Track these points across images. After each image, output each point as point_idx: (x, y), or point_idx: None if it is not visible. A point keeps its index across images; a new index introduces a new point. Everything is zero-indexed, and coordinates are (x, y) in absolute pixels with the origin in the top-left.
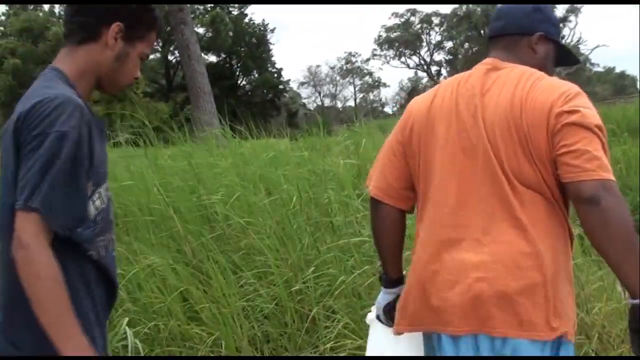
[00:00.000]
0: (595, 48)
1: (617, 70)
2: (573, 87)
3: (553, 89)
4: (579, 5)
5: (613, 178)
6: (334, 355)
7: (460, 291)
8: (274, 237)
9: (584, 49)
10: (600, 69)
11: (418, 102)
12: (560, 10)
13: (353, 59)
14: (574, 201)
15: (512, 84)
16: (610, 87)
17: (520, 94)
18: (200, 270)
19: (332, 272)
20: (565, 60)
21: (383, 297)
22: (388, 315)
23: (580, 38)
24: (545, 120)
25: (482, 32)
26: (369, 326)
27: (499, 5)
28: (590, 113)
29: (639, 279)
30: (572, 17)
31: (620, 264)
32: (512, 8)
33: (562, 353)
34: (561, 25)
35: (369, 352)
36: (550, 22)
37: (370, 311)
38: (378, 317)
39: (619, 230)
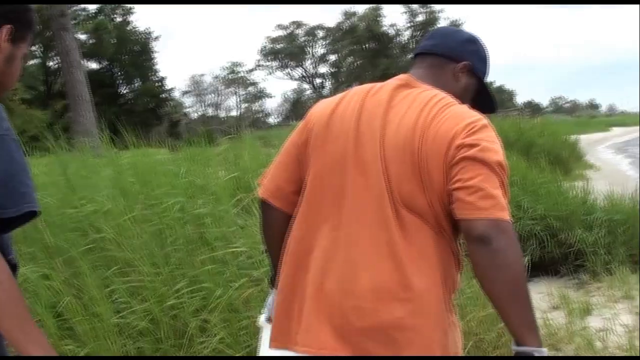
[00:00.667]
0: None
1: (496, 84)
2: (480, 119)
3: (459, 119)
4: (460, 22)
5: (508, 218)
6: None
7: (329, 317)
8: (147, 251)
9: None
10: None
11: (321, 106)
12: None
13: (237, 69)
14: (465, 239)
15: (419, 106)
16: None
17: (424, 118)
18: (73, 284)
19: (207, 287)
20: (483, 104)
21: (273, 298)
22: None
23: None
24: (445, 150)
25: (364, 46)
26: (250, 338)
27: (435, 28)
28: (492, 148)
29: (524, 326)
30: None
31: (505, 309)
32: (448, 32)
33: None
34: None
35: (260, 354)
36: (479, 57)
37: (260, 316)
38: (269, 319)
39: (507, 274)
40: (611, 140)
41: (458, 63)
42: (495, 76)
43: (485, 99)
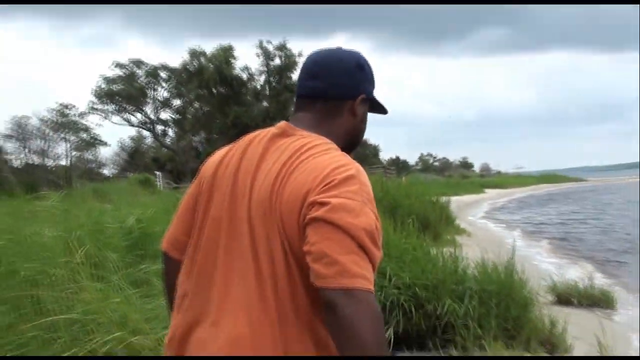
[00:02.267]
0: None
1: None
2: (344, 170)
3: (318, 171)
4: None
5: (360, 285)
6: None
7: None
8: None
9: None
10: None
11: (212, 158)
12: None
13: (67, 112)
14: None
15: (286, 156)
16: (352, 155)
17: (286, 171)
18: None
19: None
20: (376, 110)
21: None
22: None
23: None
24: (298, 209)
25: (213, 90)
26: None
27: (312, 59)
28: (348, 206)
29: None
30: None
31: None
32: (332, 66)
33: None
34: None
35: None
36: (370, 81)
37: None
38: None
39: (355, 344)
40: (485, 202)
41: (355, 99)
42: None
43: (376, 107)
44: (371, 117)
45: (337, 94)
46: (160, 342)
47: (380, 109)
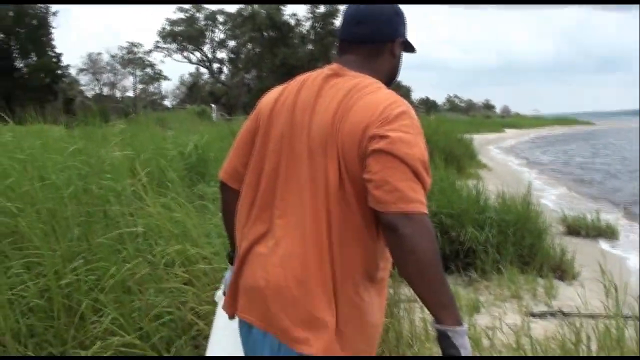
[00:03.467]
0: None
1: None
2: (397, 107)
3: (374, 107)
4: None
5: (416, 209)
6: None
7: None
8: (43, 226)
9: None
10: None
11: (268, 96)
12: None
13: (135, 49)
14: (382, 229)
15: (342, 94)
16: None
17: (343, 107)
18: None
19: (103, 265)
20: (408, 49)
21: (230, 274)
22: None
23: None
24: (358, 141)
25: (264, 34)
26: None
27: (355, 7)
28: (404, 138)
29: (437, 305)
30: None
31: (418, 291)
32: (375, 13)
33: None
34: None
35: (214, 329)
36: (404, 25)
37: (216, 291)
38: (224, 293)
39: (415, 258)
40: (505, 140)
41: (394, 41)
42: None
43: (408, 47)
44: (404, 61)
45: (381, 37)
46: (216, 254)
47: (411, 49)
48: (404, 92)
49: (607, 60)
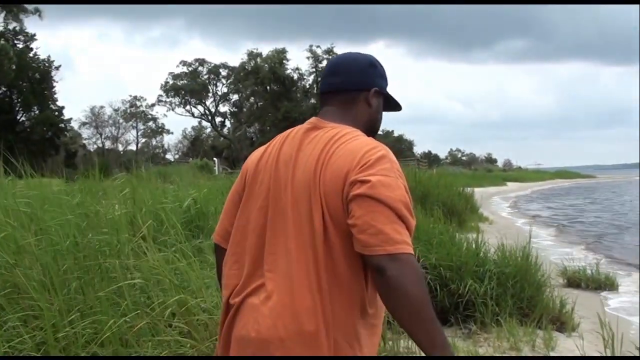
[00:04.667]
0: None
1: (396, 134)
2: (376, 151)
3: (354, 153)
4: None
5: (402, 250)
6: None
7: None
8: (41, 279)
9: None
10: (379, 132)
11: (252, 156)
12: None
13: (138, 103)
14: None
15: (321, 145)
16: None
17: (324, 157)
18: None
19: (100, 318)
20: (390, 107)
21: None
22: None
23: None
24: (340, 188)
25: (267, 87)
26: None
27: (332, 60)
28: (385, 182)
29: (429, 343)
30: None
31: (410, 331)
32: (348, 64)
33: None
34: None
35: None
36: (382, 77)
37: None
38: None
39: (405, 299)
40: (506, 194)
41: (369, 90)
42: (394, 125)
43: (392, 103)
44: (407, 115)
45: (353, 85)
46: (216, 306)
47: (394, 106)
48: (407, 145)
49: (608, 115)
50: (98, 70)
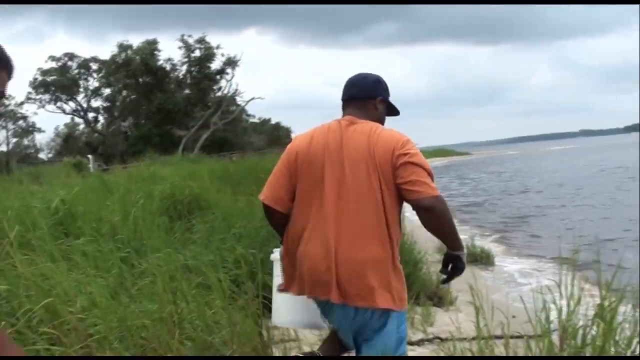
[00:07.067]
0: (251, 100)
1: (273, 121)
2: (404, 137)
3: (394, 139)
4: (236, 59)
5: (438, 192)
6: None
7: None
8: None
9: (240, 100)
10: (256, 120)
11: (299, 140)
12: (217, 63)
13: (6, 102)
14: (416, 210)
15: (365, 134)
16: (265, 137)
17: (372, 140)
18: None
19: None
20: (392, 112)
21: (282, 250)
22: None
23: (237, 90)
24: (390, 158)
25: (139, 80)
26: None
27: (351, 78)
28: (416, 154)
29: (454, 243)
30: (229, 70)
31: (445, 239)
32: (362, 79)
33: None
34: (228, 77)
35: (275, 284)
36: (385, 90)
37: (274, 252)
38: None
39: (445, 224)
40: None
41: (375, 99)
42: (271, 113)
43: (392, 109)
44: (283, 102)
45: (366, 94)
46: (84, 310)
47: (394, 112)
48: (285, 132)
49: (481, 93)
50: None
